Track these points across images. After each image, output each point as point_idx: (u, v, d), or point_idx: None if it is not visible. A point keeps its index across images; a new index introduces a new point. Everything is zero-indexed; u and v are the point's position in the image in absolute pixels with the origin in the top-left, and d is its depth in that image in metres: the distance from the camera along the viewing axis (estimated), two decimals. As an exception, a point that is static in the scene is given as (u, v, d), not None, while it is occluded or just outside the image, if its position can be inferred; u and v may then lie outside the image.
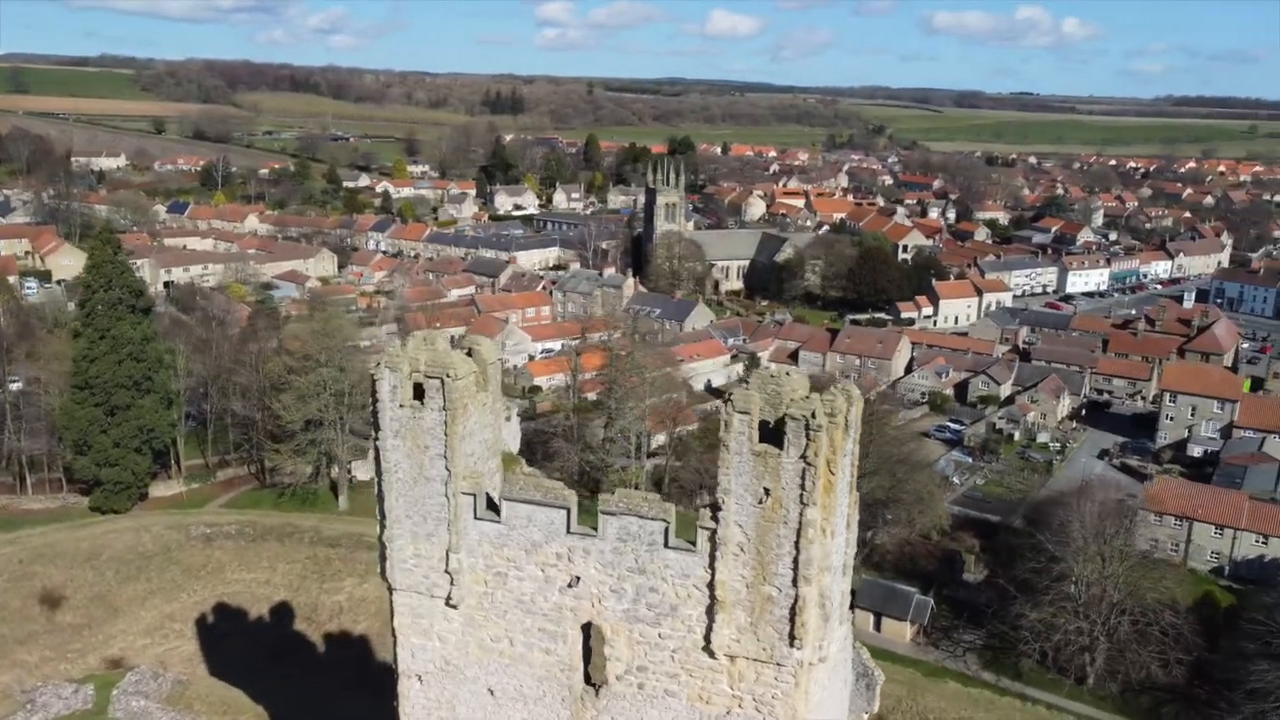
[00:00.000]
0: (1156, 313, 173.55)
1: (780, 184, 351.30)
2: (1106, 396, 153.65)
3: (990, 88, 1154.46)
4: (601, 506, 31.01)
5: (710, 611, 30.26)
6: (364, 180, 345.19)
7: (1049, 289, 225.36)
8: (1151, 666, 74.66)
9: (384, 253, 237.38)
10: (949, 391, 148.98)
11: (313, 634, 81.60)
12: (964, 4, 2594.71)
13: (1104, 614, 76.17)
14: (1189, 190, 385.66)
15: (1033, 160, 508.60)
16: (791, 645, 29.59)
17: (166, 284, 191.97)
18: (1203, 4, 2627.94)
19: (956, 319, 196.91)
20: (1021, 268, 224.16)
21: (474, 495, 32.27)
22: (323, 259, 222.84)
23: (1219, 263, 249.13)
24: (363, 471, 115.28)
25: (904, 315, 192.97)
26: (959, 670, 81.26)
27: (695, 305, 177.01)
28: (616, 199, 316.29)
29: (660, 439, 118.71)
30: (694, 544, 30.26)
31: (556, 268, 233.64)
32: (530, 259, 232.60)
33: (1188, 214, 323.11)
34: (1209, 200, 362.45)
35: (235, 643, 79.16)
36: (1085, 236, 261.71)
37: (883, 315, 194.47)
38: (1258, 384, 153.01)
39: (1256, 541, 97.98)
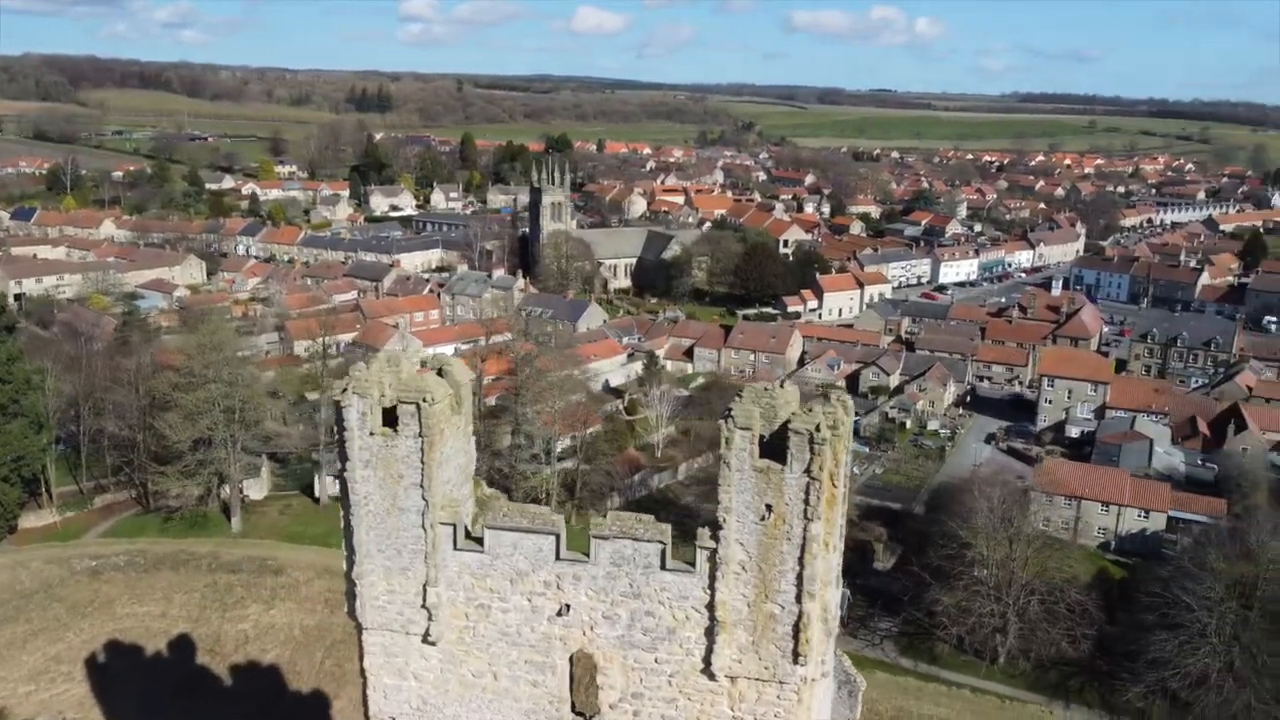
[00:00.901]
0: (1028, 300, 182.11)
1: (659, 181, 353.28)
2: (987, 383, 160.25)
3: (850, 85, 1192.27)
4: (593, 531, 29.77)
5: (710, 633, 29.43)
6: (228, 182, 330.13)
7: (923, 280, 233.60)
8: (1061, 643, 77.81)
9: (256, 258, 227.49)
10: (841, 383, 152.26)
11: (217, 666, 77.13)
12: (822, 3, 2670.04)
13: (1015, 595, 79.02)
14: (1041, 182, 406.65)
15: (895, 155, 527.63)
16: (795, 662, 29.07)
17: (17, 297, 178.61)
18: (1043, 6, 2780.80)
19: (840, 311, 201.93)
20: (897, 260, 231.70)
21: (453, 525, 30.54)
22: (190, 266, 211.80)
23: (1076, 251, 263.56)
24: (255, 491, 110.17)
25: (790, 309, 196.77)
26: (878, 658, 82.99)
27: (588, 305, 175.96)
28: (497, 198, 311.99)
29: (566, 442, 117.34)
30: (692, 564, 29.38)
31: (440, 269, 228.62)
32: (413, 261, 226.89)
33: (1043, 205, 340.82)
34: (1060, 192, 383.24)
35: (132, 681, 74.18)
36: (954, 229, 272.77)
37: (770, 309, 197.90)
38: (1120, 365, 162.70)
39: (1139, 516, 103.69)
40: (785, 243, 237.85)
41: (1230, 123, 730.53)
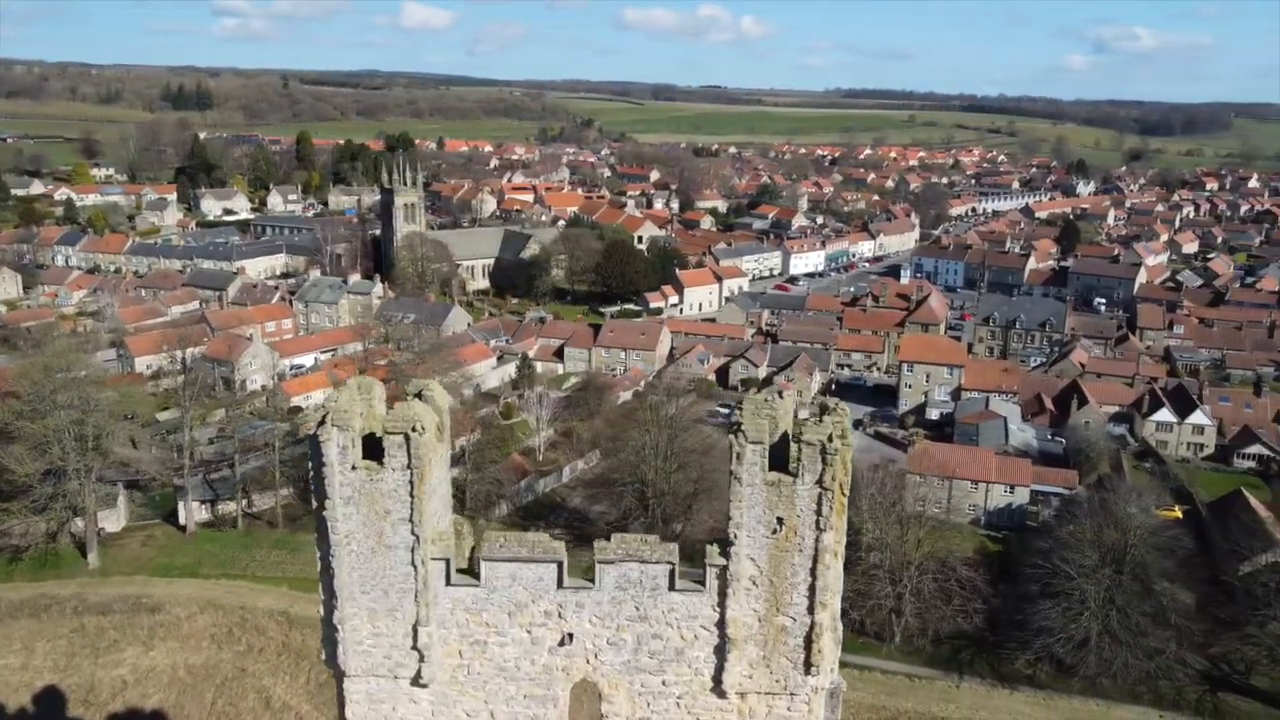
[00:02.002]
0: (879, 289, 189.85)
1: (506, 179, 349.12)
2: (847, 370, 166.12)
3: (682, 81, 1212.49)
4: (598, 556, 28.79)
5: (720, 650, 29.02)
6: (38, 187, 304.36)
7: (775, 272, 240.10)
8: (956, 619, 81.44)
9: (79, 269, 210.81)
10: (711, 377, 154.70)
11: (93, 718, 71.02)
12: (652, 1, 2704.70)
13: (911, 577, 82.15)
14: (872, 175, 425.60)
15: (733, 150, 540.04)
16: (807, 673, 29.04)
17: None
18: (861, 6, 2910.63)
19: (700, 306, 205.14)
20: (750, 253, 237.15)
21: (446, 560, 28.88)
22: (3, 279, 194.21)
23: (914, 240, 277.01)
24: (112, 522, 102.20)
25: (653, 305, 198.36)
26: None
27: (451, 308, 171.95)
28: (339, 199, 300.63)
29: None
30: (701, 583, 28.81)
31: (286, 276, 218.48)
32: (256, 268, 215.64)
33: (876, 197, 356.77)
34: (890, 184, 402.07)
35: (-5, 743, 67.45)
36: (799, 221, 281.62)
37: (632, 306, 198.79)
38: (967, 349, 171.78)
39: (1005, 491, 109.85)
40: (640, 239, 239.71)
41: (1032, 116, 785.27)
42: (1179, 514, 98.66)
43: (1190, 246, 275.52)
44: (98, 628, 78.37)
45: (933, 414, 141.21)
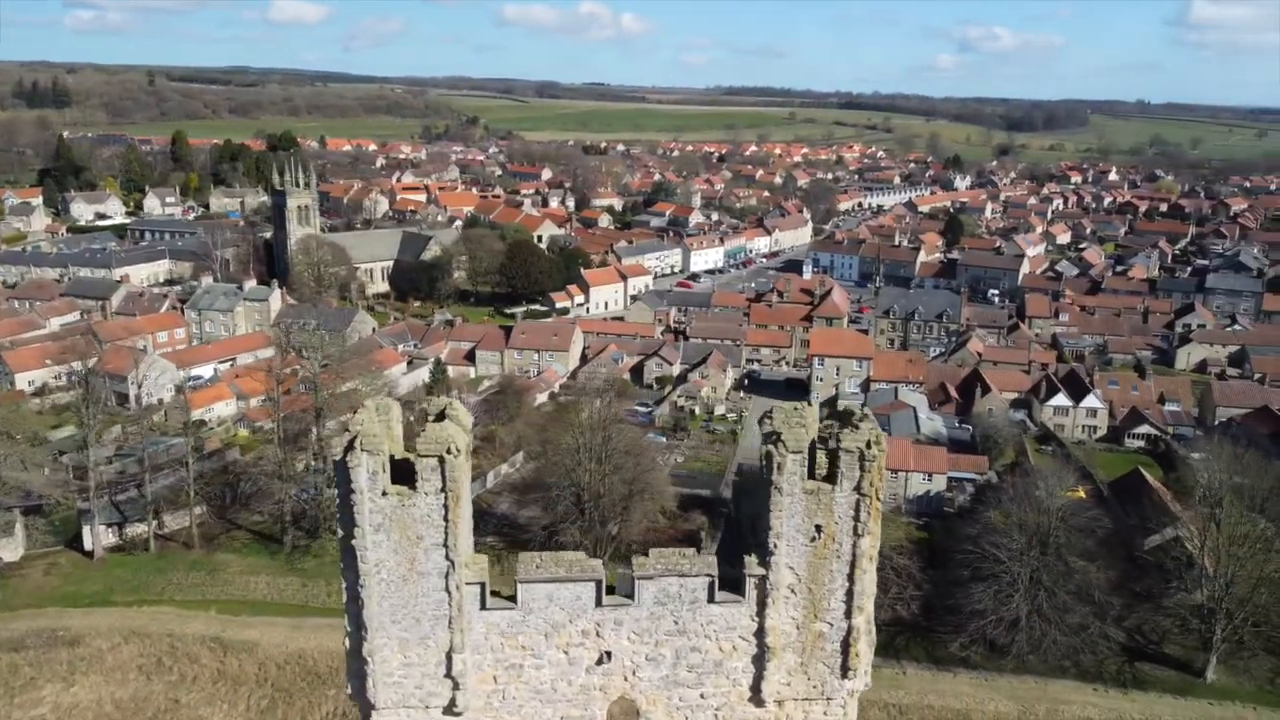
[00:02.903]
0: (783, 285, 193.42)
1: (396, 179, 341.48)
2: (756, 365, 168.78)
3: (565, 78, 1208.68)
4: (638, 572, 28.42)
5: (759, 660, 29.06)
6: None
7: (676, 269, 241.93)
8: (894, 607, 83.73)
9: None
10: (626, 376, 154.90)
11: (11, 764, 66.52)
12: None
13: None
14: (760, 171, 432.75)
15: (621, 148, 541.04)
16: (845, 677, 29.35)
17: None
18: (738, 6, 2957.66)
19: (606, 305, 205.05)
20: (651, 251, 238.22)
21: (480, 584, 28.05)
22: None
23: (808, 236, 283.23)
24: (9, 551, 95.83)
25: (559, 305, 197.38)
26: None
27: (356, 313, 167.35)
28: (221, 201, 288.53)
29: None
30: (740, 594, 28.77)
31: (171, 282, 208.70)
32: (137, 275, 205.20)
33: (766, 193, 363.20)
34: (778, 180, 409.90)
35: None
36: (696, 218, 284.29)
37: (538, 307, 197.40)
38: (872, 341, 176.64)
39: (923, 479, 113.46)
40: (540, 239, 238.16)
41: (906, 113, 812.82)
42: (1083, 494, 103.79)
43: (1064, 237, 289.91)
44: (10, 665, 73.23)
45: (844, 405, 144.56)
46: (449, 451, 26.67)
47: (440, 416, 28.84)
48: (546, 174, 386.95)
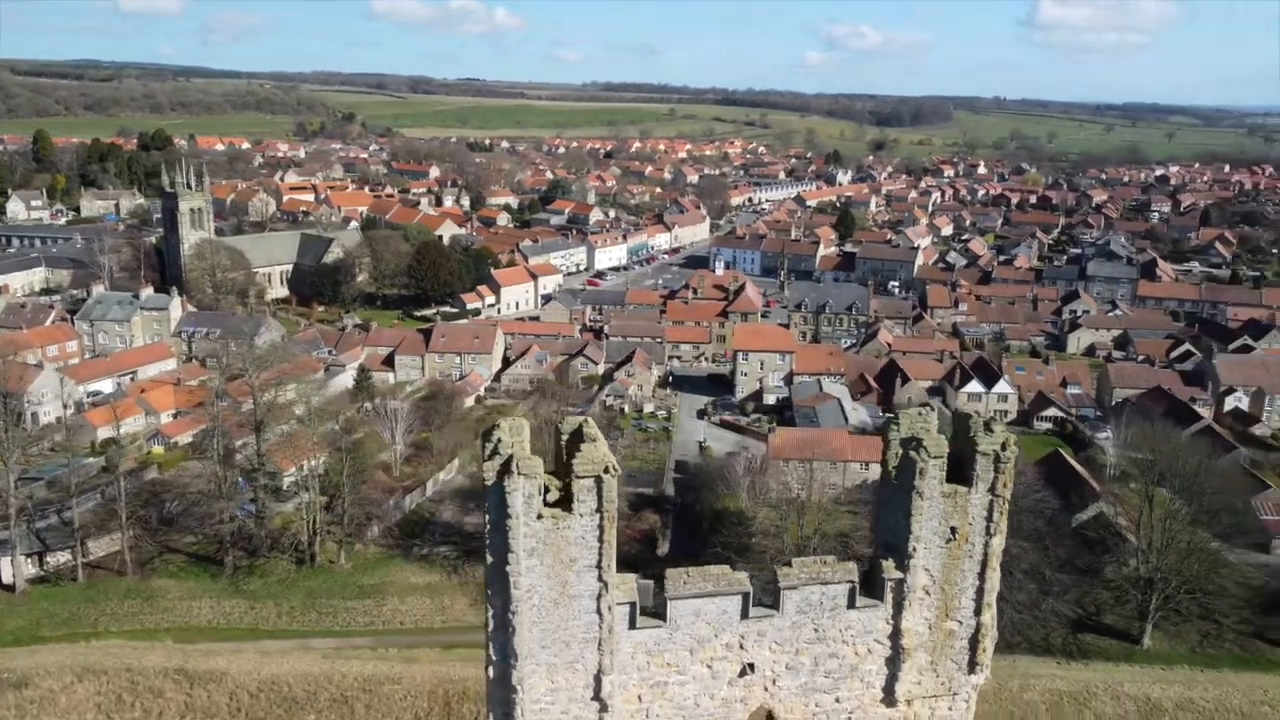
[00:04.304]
0: (697, 281, 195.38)
1: (278, 178, 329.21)
2: (676, 362, 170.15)
3: (438, 73, 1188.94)
4: (783, 582, 28.62)
5: (892, 661, 29.67)
6: None
7: (581, 267, 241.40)
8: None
9: None
10: (551, 376, 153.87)
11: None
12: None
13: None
14: (649, 168, 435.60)
15: (506, 145, 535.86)
16: (971, 672, 30.23)
17: None
18: (611, 4, 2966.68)
19: (517, 305, 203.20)
20: (556, 249, 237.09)
21: (630, 603, 27.72)
22: None
23: (706, 231, 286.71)
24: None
25: (470, 306, 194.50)
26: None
27: (264, 320, 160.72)
28: (92, 204, 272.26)
29: (292, 474, 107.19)
30: (876, 599, 29.30)
31: (48, 291, 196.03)
32: (12, 284, 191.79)
33: (658, 189, 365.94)
34: (667, 176, 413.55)
35: None
36: (597, 215, 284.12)
37: (448, 309, 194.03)
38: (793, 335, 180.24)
39: (860, 469, 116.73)
40: (441, 238, 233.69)
41: (781, 109, 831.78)
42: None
43: (947, 229, 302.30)
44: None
45: (770, 399, 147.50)
46: (606, 471, 26.25)
47: (576, 436, 28.32)
48: (434, 172, 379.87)
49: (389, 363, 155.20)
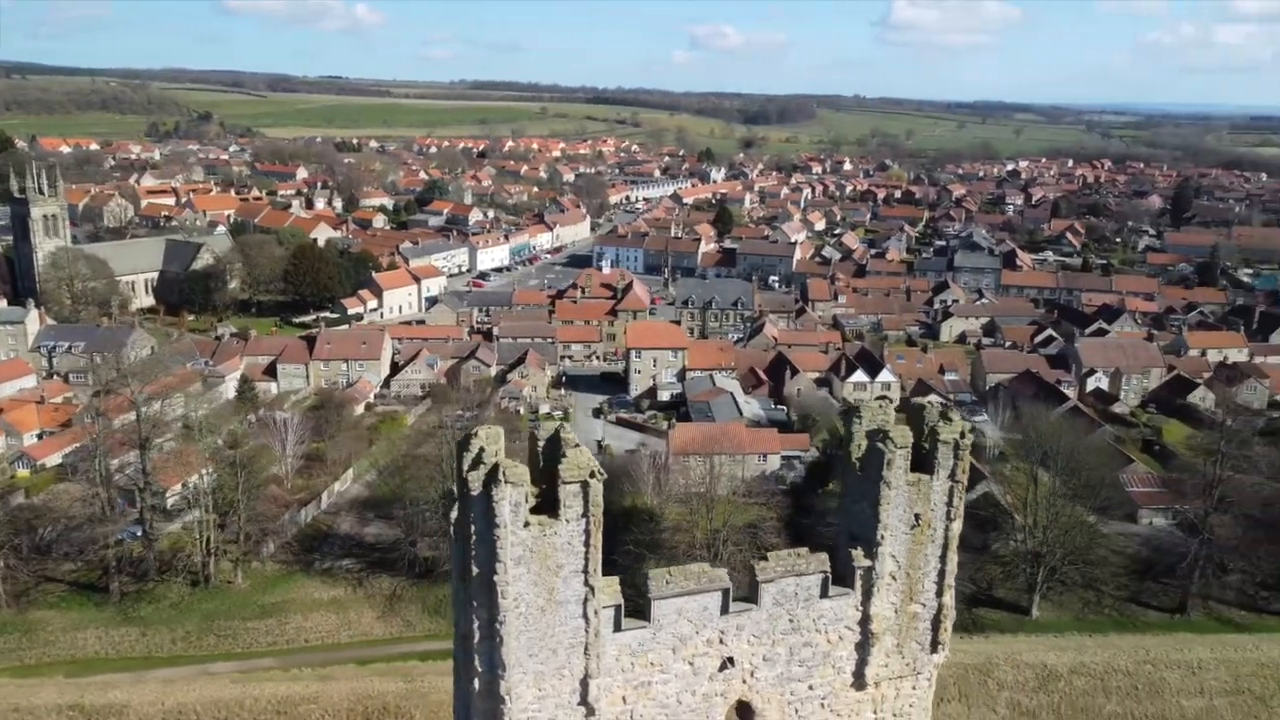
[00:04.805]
0: (584, 280, 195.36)
1: (135, 181, 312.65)
2: (568, 361, 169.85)
3: (298, 71, 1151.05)
4: (760, 576, 29.26)
5: (861, 646, 30.70)
6: None
7: (463, 268, 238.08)
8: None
9: None
10: (443, 380, 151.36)
11: None
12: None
13: (723, 551, 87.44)
14: (524, 167, 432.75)
15: (375, 144, 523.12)
16: (933, 651, 31.55)
17: None
18: (473, 2, 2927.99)
19: (401, 308, 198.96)
20: (438, 251, 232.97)
21: (616, 606, 27.82)
22: None
23: (588, 230, 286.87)
24: None
25: (351, 311, 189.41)
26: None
27: (133, 331, 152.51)
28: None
29: (178, 490, 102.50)
30: (846, 587, 30.23)
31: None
32: None
33: (535, 189, 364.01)
34: (543, 175, 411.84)
35: None
36: (476, 216, 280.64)
37: (329, 314, 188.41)
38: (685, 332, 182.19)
39: (759, 460, 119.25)
40: (316, 241, 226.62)
41: (651, 108, 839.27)
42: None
43: (820, 224, 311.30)
44: None
45: (664, 396, 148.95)
46: (592, 475, 26.28)
47: (554, 441, 28.22)
48: (302, 173, 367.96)
49: (271, 372, 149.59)
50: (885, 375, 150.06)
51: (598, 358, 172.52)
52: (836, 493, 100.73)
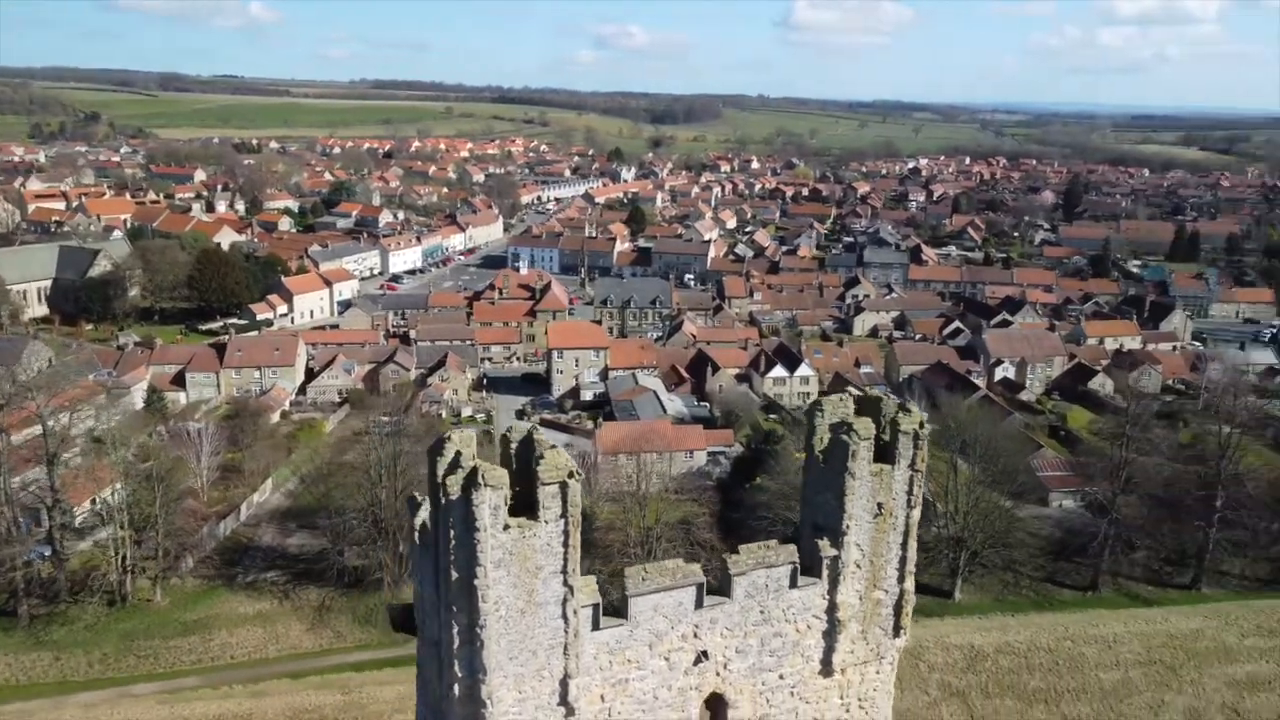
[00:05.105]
0: (501, 281, 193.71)
1: (19, 184, 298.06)
2: (488, 363, 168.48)
3: (191, 69, 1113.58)
4: (733, 570, 29.75)
5: (829, 634, 31.43)
6: None
7: (375, 271, 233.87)
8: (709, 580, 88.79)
9: None
10: (361, 386, 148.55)
11: None
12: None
13: (655, 547, 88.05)
14: (433, 168, 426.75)
15: (275, 145, 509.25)
16: (896, 636, 32.51)
17: None
18: (372, 2, 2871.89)
19: (313, 313, 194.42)
20: (348, 254, 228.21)
21: (595, 605, 27.92)
22: None
23: (500, 231, 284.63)
24: None
25: (260, 317, 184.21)
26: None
27: (28, 342, 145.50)
28: None
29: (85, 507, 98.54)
30: (814, 576, 30.89)
31: None
32: None
33: (445, 189, 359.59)
34: (452, 175, 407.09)
35: None
36: (386, 217, 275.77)
37: (236, 320, 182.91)
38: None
39: (685, 456, 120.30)
40: (218, 246, 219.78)
41: (558, 107, 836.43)
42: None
43: (731, 222, 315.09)
44: None
45: (587, 395, 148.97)
46: (570, 476, 26.34)
47: (527, 442, 28.17)
48: (200, 175, 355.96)
49: (179, 381, 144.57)
50: (804, 370, 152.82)
51: (518, 359, 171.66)
52: (764, 486, 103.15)
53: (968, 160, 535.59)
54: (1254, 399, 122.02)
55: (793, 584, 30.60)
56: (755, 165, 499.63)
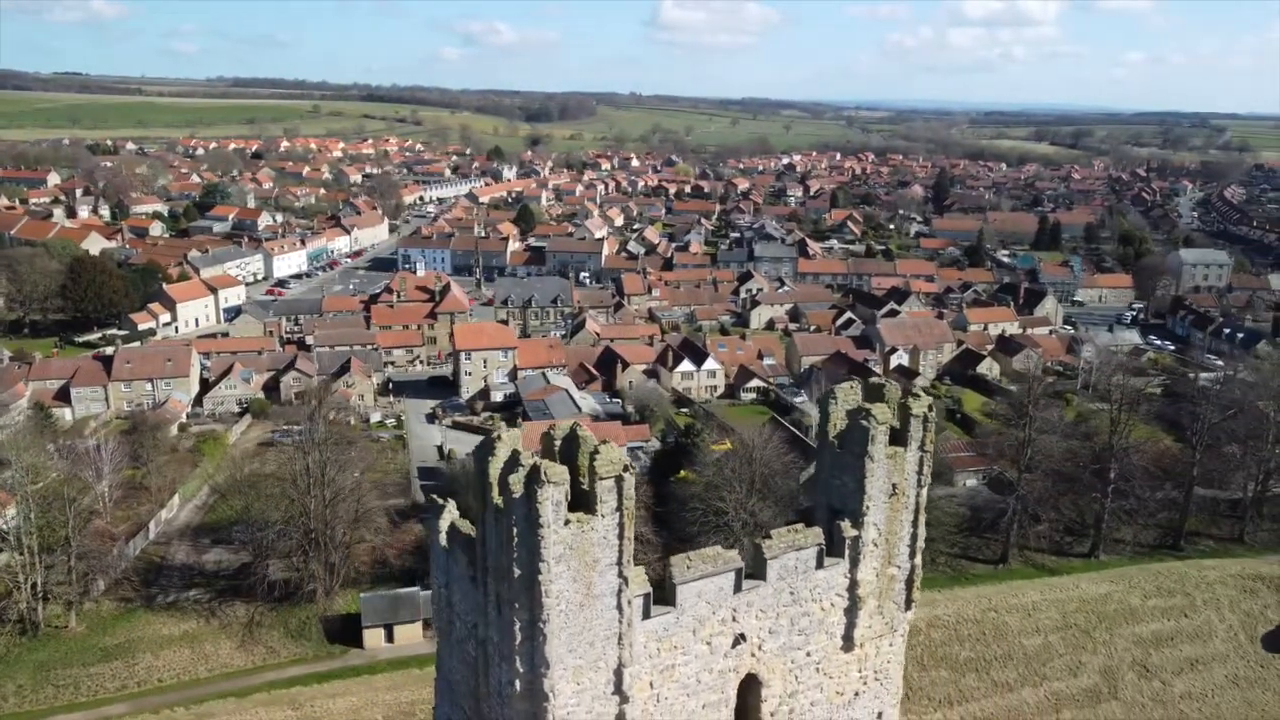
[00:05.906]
0: (398, 284, 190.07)
1: None
2: (391, 368, 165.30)
3: (28, 66, 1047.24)
4: (768, 554, 30.89)
5: (850, 610, 33.02)
6: None
7: (259, 276, 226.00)
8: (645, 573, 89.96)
9: None
10: (261, 394, 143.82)
11: None
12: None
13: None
14: (306, 168, 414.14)
15: (132, 146, 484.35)
16: (908, 609, 34.38)
17: None
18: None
19: (198, 321, 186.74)
20: (229, 259, 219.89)
21: (646, 594, 28.69)
22: None
23: (386, 232, 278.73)
24: None
25: (142, 327, 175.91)
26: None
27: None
28: None
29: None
30: (837, 556, 32.39)
31: None
32: None
33: (323, 190, 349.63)
34: (327, 175, 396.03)
35: None
36: (266, 220, 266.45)
37: (115, 330, 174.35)
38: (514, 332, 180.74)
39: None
40: (88, 252, 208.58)
41: (430, 105, 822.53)
42: (729, 445, 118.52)
43: (619, 220, 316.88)
44: None
45: (497, 396, 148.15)
46: (625, 470, 27.05)
47: (570, 439, 28.70)
48: (54, 178, 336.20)
49: (63, 397, 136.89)
50: (710, 364, 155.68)
51: (422, 362, 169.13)
52: (689, 479, 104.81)
53: (839, 156, 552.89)
54: (1135, 380, 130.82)
55: (819, 564, 32.04)
56: (635, 163, 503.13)
